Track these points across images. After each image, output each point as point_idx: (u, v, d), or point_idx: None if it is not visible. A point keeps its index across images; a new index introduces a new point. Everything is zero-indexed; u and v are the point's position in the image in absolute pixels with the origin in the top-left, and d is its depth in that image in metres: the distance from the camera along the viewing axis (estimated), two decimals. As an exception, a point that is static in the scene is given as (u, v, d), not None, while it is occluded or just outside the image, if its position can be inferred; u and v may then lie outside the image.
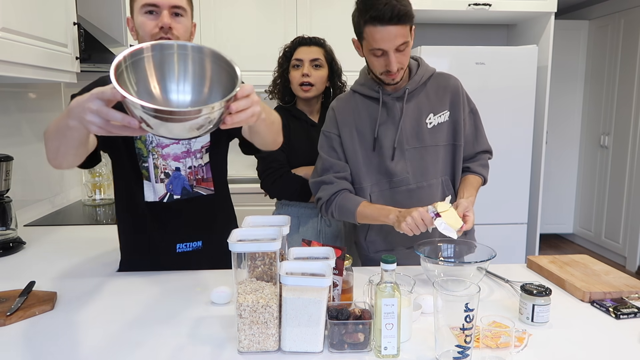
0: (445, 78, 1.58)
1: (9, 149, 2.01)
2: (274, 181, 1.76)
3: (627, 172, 4.16)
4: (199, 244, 1.48)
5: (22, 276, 1.41)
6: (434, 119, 1.53)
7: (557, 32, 4.25)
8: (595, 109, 4.57)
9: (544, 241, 4.88)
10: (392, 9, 1.33)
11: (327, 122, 1.60)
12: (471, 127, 1.60)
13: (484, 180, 1.61)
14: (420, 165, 1.53)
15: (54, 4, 1.80)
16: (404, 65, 1.45)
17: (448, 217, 1.33)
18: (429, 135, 1.53)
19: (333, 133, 1.57)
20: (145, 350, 1.00)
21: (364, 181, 1.55)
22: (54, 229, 2.01)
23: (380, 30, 1.36)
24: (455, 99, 1.55)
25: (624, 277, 1.34)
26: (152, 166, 1.40)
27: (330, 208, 1.53)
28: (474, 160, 1.62)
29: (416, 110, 1.53)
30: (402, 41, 1.37)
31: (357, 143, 1.55)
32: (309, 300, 0.96)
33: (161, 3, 1.27)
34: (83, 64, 2.05)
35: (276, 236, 1.03)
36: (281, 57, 1.88)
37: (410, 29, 1.40)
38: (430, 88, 1.55)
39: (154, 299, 1.25)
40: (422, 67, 1.56)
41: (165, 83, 0.95)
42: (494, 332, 0.96)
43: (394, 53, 1.39)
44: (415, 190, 1.53)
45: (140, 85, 0.92)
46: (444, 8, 3.22)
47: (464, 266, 1.32)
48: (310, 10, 3.16)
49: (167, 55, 0.94)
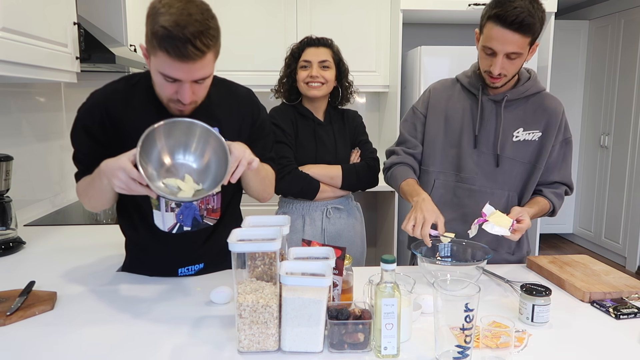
0: (551, 100, 1.56)
1: (9, 149, 2.01)
2: (283, 177, 1.76)
3: (627, 172, 4.16)
4: (201, 266, 1.44)
5: (22, 276, 1.40)
6: (522, 135, 1.52)
7: (557, 32, 4.24)
8: (595, 109, 4.57)
9: (544, 241, 4.88)
10: (518, 15, 1.31)
11: (420, 99, 1.66)
12: (559, 155, 1.57)
13: (552, 209, 1.56)
14: (491, 172, 1.53)
15: (54, 4, 1.80)
16: (509, 74, 1.43)
17: (495, 218, 1.34)
18: (512, 148, 1.52)
19: (420, 112, 1.63)
20: (146, 350, 1.00)
21: (433, 166, 1.59)
22: (54, 229, 2.01)
23: (498, 30, 1.35)
24: (553, 122, 1.53)
25: (624, 277, 1.34)
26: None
27: (387, 174, 1.66)
28: (550, 187, 1.57)
29: (508, 119, 1.52)
30: (515, 50, 1.36)
31: (441, 129, 1.57)
32: (309, 300, 0.96)
33: (184, 78, 1.14)
34: (83, 64, 2.05)
35: (276, 236, 1.03)
36: (289, 57, 1.88)
37: (530, 42, 1.37)
38: (531, 104, 1.53)
39: (154, 299, 1.25)
40: (532, 81, 1.54)
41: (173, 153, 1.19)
42: (494, 332, 0.96)
43: (503, 58, 1.38)
44: (477, 192, 1.54)
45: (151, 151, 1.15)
46: (444, 8, 3.21)
47: (461, 266, 1.32)
48: (311, 10, 3.16)
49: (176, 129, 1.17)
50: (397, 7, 3.10)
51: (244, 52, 3.18)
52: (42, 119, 2.38)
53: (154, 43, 1.09)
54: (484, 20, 1.41)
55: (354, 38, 3.20)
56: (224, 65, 3.09)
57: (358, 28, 3.22)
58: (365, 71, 3.24)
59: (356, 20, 3.21)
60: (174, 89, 1.17)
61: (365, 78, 3.20)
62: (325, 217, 1.86)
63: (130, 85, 1.31)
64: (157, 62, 1.13)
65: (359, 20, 3.21)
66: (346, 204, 1.91)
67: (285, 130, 1.81)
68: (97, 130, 1.28)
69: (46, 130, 2.42)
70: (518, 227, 1.35)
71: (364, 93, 3.62)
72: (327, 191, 1.83)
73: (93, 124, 1.28)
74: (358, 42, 3.21)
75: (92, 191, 1.27)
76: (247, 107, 1.41)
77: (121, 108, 1.28)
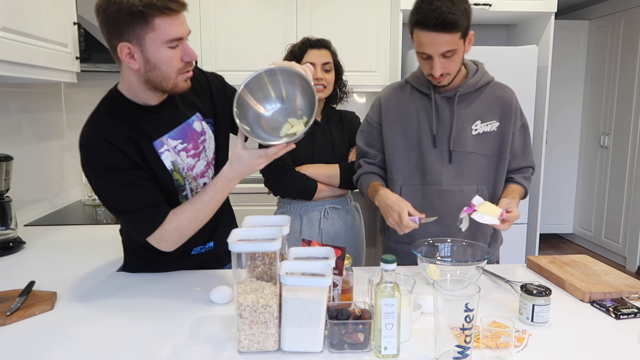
0: (502, 88, 1.57)
1: (9, 149, 2.01)
2: (279, 178, 1.76)
3: (627, 172, 4.16)
4: (212, 245, 1.47)
5: (22, 276, 1.40)
6: (480, 127, 1.52)
7: (557, 32, 4.24)
8: (595, 109, 4.57)
9: (544, 241, 4.88)
10: (438, 16, 1.31)
11: (372, 108, 1.64)
12: (520, 142, 1.59)
13: (525, 192, 1.61)
14: (457, 169, 1.53)
15: (54, 4, 1.80)
16: (451, 71, 1.43)
17: (484, 208, 1.34)
18: (472, 141, 1.52)
19: (375, 121, 1.61)
20: (146, 350, 1.00)
21: (397, 172, 1.57)
22: (54, 229, 2.01)
23: (425, 35, 1.35)
24: (508, 111, 1.54)
25: (624, 277, 1.34)
26: (189, 192, 1.37)
27: (357, 186, 1.67)
28: (518, 172, 1.61)
29: (464, 114, 1.52)
30: (448, 48, 1.36)
31: (398, 134, 1.56)
32: (309, 300, 0.96)
33: (184, 34, 1.20)
34: (83, 64, 2.05)
35: (276, 236, 1.03)
36: (289, 59, 1.82)
37: (461, 36, 1.37)
38: (484, 96, 1.54)
39: (154, 299, 1.25)
40: (480, 73, 1.54)
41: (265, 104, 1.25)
42: (494, 332, 0.96)
43: (439, 58, 1.38)
44: (446, 192, 1.53)
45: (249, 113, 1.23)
46: (444, 8, 3.21)
47: (461, 266, 1.32)
48: (311, 10, 3.16)
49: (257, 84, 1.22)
50: (397, 7, 3.10)
51: (244, 52, 3.18)
52: (42, 119, 2.38)
53: (143, 19, 1.12)
54: (410, 28, 1.41)
55: (354, 38, 3.20)
56: (224, 65, 3.10)
57: (358, 28, 3.22)
58: (365, 71, 3.24)
59: (356, 20, 3.21)
60: (178, 54, 1.19)
61: (365, 78, 3.20)
62: (324, 217, 1.85)
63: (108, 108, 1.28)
64: (156, 35, 1.14)
65: (359, 21, 3.21)
66: (344, 204, 1.91)
67: None
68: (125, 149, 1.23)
69: (46, 130, 2.42)
70: (507, 217, 1.35)
71: (364, 93, 3.62)
72: (325, 190, 1.82)
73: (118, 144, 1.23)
74: (358, 42, 3.21)
75: (208, 210, 1.28)
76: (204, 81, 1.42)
77: (122, 128, 1.25)
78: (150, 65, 1.18)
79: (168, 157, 1.30)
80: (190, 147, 1.34)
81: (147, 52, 1.16)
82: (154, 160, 1.28)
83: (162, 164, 1.29)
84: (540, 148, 3.42)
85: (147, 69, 1.19)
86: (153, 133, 1.28)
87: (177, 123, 1.32)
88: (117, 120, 1.25)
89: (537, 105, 3.40)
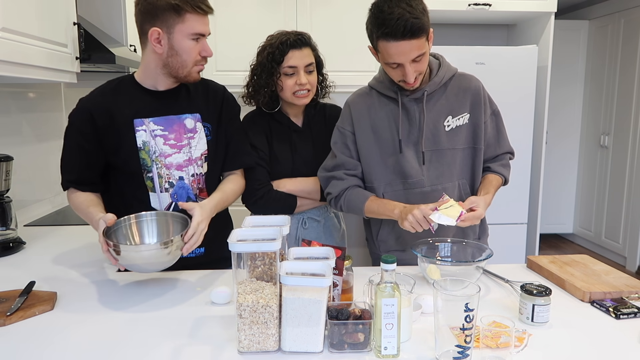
0: (467, 79, 1.55)
1: (9, 149, 2.01)
2: (256, 201, 1.66)
3: (627, 172, 4.16)
4: (202, 250, 1.48)
5: (22, 276, 1.40)
6: (452, 122, 1.51)
7: (557, 32, 4.24)
8: (595, 109, 4.57)
9: (544, 241, 4.88)
10: (405, 25, 1.29)
11: (342, 117, 1.59)
12: (493, 129, 1.58)
13: (504, 180, 1.60)
14: (436, 168, 1.51)
15: (54, 4, 1.80)
16: (422, 71, 1.42)
17: (445, 209, 1.32)
18: (447, 138, 1.51)
19: (347, 130, 1.56)
20: (146, 350, 1.00)
21: (377, 180, 1.54)
22: (54, 229, 2.01)
23: (395, 45, 1.33)
24: (476, 101, 1.53)
25: (624, 277, 1.34)
26: (156, 176, 1.42)
27: (340, 202, 1.55)
28: (495, 160, 1.60)
29: (434, 112, 1.50)
30: (418, 53, 1.35)
31: (372, 142, 1.53)
32: (309, 300, 0.96)
33: (206, 31, 1.39)
34: (83, 64, 2.05)
35: (276, 236, 1.03)
36: (267, 62, 1.64)
37: (426, 37, 1.36)
38: (451, 90, 1.52)
39: (154, 299, 1.25)
40: (444, 67, 1.52)
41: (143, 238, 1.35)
42: (494, 332, 0.96)
43: (410, 64, 1.37)
44: (430, 192, 1.51)
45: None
46: (444, 8, 3.21)
47: (461, 265, 1.32)
48: (311, 10, 3.16)
49: (141, 221, 1.35)
50: (397, 7, 3.10)
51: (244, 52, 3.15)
52: (42, 119, 2.38)
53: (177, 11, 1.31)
54: (375, 42, 1.39)
55: (354, 38, 3.18)
56: (224, 65, 3.10)
57: (358, 28, 3.18)
58: (365, 71, 3.22)
59: (356, 20, 3.19)
60: (198, 48, 1.37)
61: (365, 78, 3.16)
62: (301, 227, 1.75)
63: (115, 84, 1.46)
64: (184, 27, 1.33)
65: (359, 20, 3.17)
66: (324, 216, 1.79)
67: (258, 147, 1.67)
68: (90, 132, 1.40)
69: (46, 130, 2.42)
70: (466, 217, 1.33)
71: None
72: (306, 205, 1.72)
73: (85, 124, 1.40)
74: (358, 42, 3.18)
75: (84, 217, 1.43)
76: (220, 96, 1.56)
77: (110, 100, 1.41)
78: (173, 51, 1.36)
79: (141, 137, 1.41)
80: (171, 137, 1.44)
81: (173, 40, 1.34)
82: (128, 133, 1.40)
83: (134, 140, 1.41)
84: (540, 148, 3.42)
85: (169, 54, 1.36)
86: (140, 111, 1.42)
87: (167, 113, 1.44)
88: (103, 93, 1.44)
89: (537, 105, 3.40)
